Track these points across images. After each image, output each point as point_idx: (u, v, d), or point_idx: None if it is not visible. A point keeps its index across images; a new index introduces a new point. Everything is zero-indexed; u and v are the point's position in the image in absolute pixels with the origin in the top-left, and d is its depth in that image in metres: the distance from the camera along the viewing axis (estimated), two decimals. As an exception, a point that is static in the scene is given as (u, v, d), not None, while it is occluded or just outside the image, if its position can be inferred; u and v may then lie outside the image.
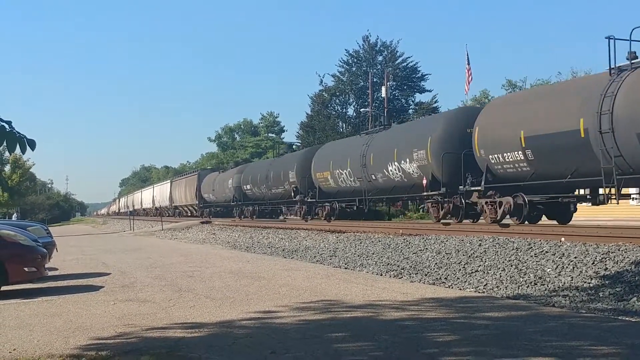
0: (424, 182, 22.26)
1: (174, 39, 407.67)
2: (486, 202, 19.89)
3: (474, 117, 20.65)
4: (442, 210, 22.07)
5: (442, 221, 21.95)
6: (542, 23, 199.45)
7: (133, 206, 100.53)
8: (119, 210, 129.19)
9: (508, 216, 19.06)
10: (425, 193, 22.42)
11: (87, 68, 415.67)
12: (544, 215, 19.92)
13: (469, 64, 43.95)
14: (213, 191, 54.42)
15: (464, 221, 21.89)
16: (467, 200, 21.01)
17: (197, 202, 59.08)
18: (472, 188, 20.34)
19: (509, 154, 18.29)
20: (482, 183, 19.56)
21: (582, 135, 15.74)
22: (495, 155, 18.85)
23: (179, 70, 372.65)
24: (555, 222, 19.54)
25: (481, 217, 21.28)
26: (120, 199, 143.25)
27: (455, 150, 20.94)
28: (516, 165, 18.24)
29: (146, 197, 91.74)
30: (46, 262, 11.98)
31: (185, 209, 67.04)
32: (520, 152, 17.76)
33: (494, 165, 19.04)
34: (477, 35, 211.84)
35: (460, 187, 20.77)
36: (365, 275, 12.73)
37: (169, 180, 79.29)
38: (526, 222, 18.57)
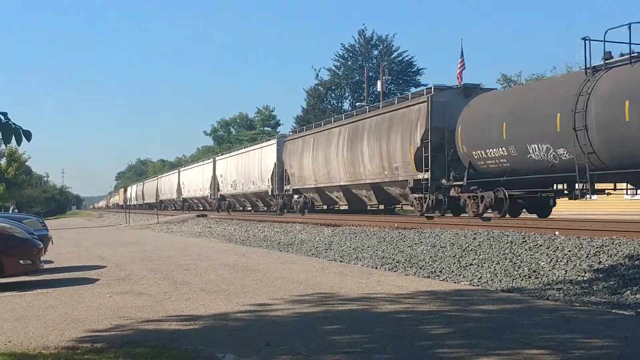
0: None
1: (169, 34, 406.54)
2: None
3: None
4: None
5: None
6: (538, 19, 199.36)
7: (157, 196, 75.42)
8: (127, 202, 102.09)
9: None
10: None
11: (83, 62, 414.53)
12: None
13: (462, 56, 44.00)
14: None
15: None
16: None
17: (424, 176, 21.79)
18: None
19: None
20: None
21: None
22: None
23: (175, 64, 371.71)
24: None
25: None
26: (128, 189, 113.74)
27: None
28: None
29: (191, 179, 59.95)
30: (42, 254, 11.97)
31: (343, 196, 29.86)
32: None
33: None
34: (474, 29, 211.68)
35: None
36: (360, 268, 12.76)
37: (272, 140, 40.38)
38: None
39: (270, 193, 38.04)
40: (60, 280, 11.94)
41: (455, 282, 10.59)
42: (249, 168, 42.14)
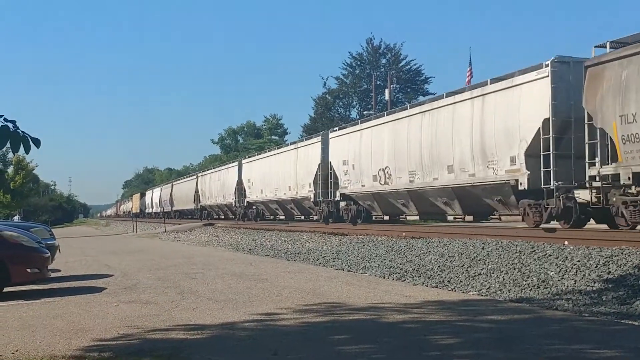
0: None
1: (176, 41, 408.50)
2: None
3: None
4: None
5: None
6: (543, 25, 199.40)
7: (198, 200, 56.63)
8: (144, 209, 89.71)
9: None
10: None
11: (90, 69, 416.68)
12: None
13: (470, 65, 44.17)
14: None
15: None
16: None
17: None
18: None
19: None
20: None
21: None
22: None
23: (182, 72, 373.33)
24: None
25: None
26: (147, 193, 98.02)
27: None
28: None
29: (268, 174, 38.71)
30: (49, 263, 11.98)
31: None
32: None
33: None
34: (480, 36, 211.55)
35: None
36: (368, 277, 12.72)
37: (538, 72, 16.71)
38: None
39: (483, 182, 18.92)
40: (67, 289, 11.95)
41: (463, 292, 10.54)
42: (440, 139, 21.01)
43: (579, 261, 11.07)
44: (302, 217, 35.58)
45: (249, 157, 47.53)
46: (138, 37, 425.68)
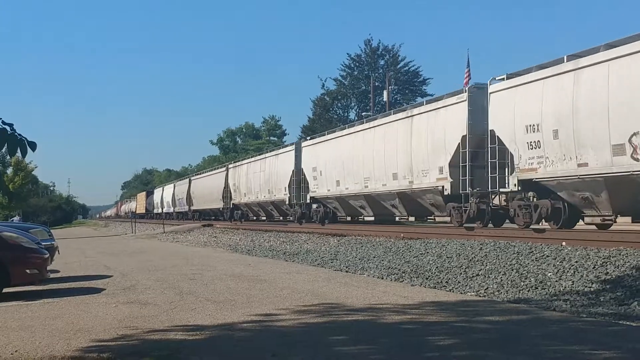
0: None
1: (175, 42, 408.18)
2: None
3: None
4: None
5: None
6: (545, 27, 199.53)
7: (229, 197, 45.14)
8: (152, 209, 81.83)
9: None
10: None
11: (89, 71, 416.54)
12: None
13: (468, 66, 44.17)
14: None
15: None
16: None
17: None
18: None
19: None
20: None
21: None
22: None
23: (181, 73, 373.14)
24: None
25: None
26: (155, 192, 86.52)
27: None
28: None
29: (354, 158, 25.78)
30: (48, 264, 11.99)
31: None
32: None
33: None
34: (479, 36, 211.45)
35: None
36: (366, 278, 12.74)
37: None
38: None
39: None
40: (66, 289, 11.96)
41: (461, 293, 10.56)
42: None
43: (576, 262, 11.11)
44: (410, 219, 25.51)
45: (311, 137, 34.54)
46: (137, 40, 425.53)
